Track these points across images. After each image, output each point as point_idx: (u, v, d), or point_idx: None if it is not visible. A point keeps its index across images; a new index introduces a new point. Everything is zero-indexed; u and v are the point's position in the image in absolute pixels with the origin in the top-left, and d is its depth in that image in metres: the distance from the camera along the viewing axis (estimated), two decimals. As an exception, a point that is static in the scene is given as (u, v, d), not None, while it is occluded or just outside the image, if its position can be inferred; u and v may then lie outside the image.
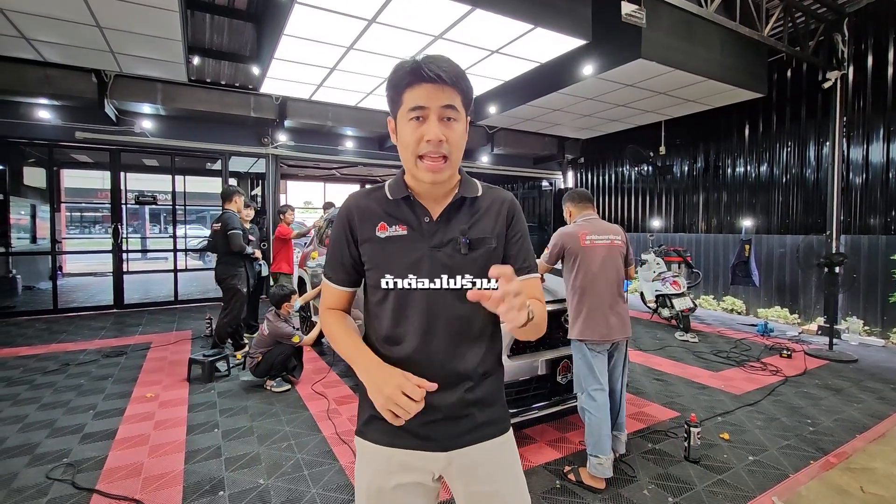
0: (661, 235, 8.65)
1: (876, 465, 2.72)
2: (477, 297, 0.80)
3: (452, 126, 0.98)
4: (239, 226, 4.62)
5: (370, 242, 1.06)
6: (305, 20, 4.30)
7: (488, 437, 1.08)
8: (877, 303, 5.80)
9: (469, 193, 1.07)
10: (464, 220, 1.06)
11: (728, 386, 4.05)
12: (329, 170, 12.68)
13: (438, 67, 0.95)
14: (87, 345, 5.22)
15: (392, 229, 1.05)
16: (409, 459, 1.06)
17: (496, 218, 1.08)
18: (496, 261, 1.06)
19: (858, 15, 5.94)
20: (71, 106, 6.61)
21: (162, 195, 12.46)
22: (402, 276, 1.04)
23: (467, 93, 1.00)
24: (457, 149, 1.00)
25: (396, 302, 1.04)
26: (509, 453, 1.13)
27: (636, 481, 2.54)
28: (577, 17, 4.64)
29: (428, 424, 1.04)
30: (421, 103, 0.96)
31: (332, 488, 2.43)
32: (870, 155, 5.92)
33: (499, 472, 1.09)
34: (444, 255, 1.04)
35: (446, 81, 0.95)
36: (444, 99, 0.96)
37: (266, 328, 3.87)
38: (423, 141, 0.96)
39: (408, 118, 0.98)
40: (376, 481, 1.07)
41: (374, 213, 1.07)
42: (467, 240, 1.04)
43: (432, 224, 1.05)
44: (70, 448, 2.84)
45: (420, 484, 1.08)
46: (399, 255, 1.04)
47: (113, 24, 4.46)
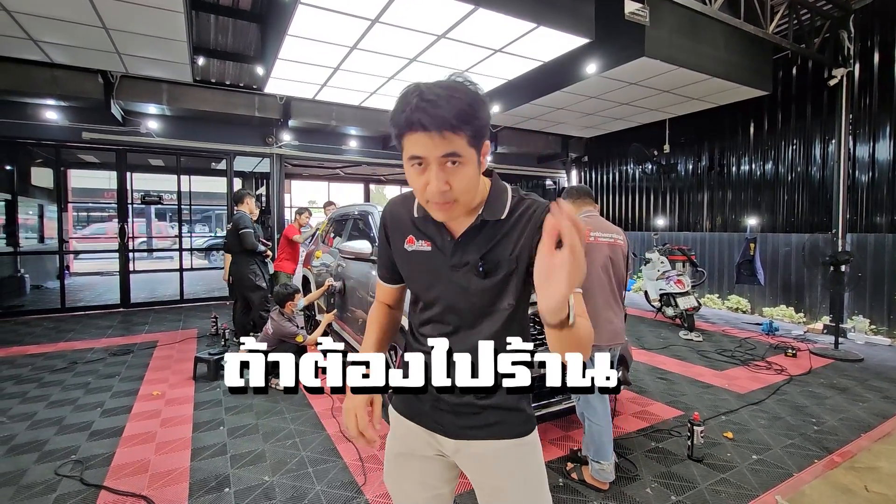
0: (666, 234, 8.62)
1: (881, 465, 2.71)
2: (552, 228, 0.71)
3: (457, 171, 0.89)
4: (250, 225, 4.82)
5: (399, 253, 1.12)
6: (309, 20, 4.32)
7: (499, 436, 1.07)
8: (883, 302, 5.76)
9: (492, 216, 1.01)
10: (483, 243, 1.01)
11: (732, 385, 4.04)
12: (333, 169, 12.70)
13: (431, 115, 0.84)
14: (95, 343, 5.28)
15: (418, 244, 1.08)
16: (422, 434, 1.12)
17: (519, 236, 0.99)
18: (517, 282, 1.01)
19: (864, 12, 5.90)
20: (77, 107, 6.67)
21: (168, 195, 12.56)
22: (423, 290, 1.10)
23: (477, 129, 0.89)
24: (465, 191, 0.93)
25: (422, 311, 1.13)
26: (525, 455, 1.09)
27: (639, 480, 2.54)
28: (580, 15, 4.64)
29: (437, 411, 1.08)
30: (418, 153, 0.88)
31: (336, 486, 2.45)
32: (876, 153, 5.88)
33: (508, 470, 1.08)
34: (462, 276, 1.03)
35: (443, 128, 0.85)
36: (443, 147, 0.86)
37: (270, 327, 3.90)
38: (423, 188, 0.92)
39: (409, 164, 0.92)
40: (397, 447, 1.18)
41: (405, 225, 1.10)
42: (482, 265, 1.00)
43: (453, 244, 1.03)
44: (78, 445, 2.88)
45: (436, 457, 1.14)
46: (422, 270, 1.08)
47: (119, 25, 4.50)
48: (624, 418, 3.33)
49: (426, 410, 1.10)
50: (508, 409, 1.07)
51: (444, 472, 1.16)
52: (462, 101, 0.86)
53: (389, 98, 6.89)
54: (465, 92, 0.88)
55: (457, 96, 0.86)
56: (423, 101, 0.85)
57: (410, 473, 1.16)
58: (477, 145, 0.92)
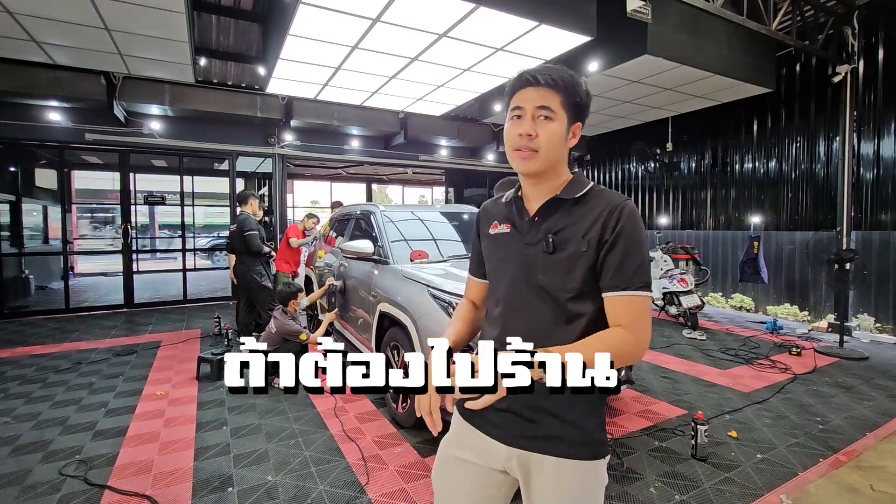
0: (669, 232, 8.59)
1: (886, 464, 2.70)
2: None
3: (547, 124, 1.02)
4: (256, 227, 4.84)
5: (486, 238, 1.21)
6: (310, 20, 4.32)
7: (558, 454, 1.01)
8: (888, 300, 5.72)
9: (569, 195, 1.06)
10: (558, 220, 1.06)
11: (736, 384, 4.03)
12: (335, 169, 12.74)
13: (539, 72, 1.03)
14: (99, 344, 5.30)
15: (501, 227, 1.16)
16: (477, 440, 1.10)
17: (595, 222, 1.01)
18: (584, 266, 1.00)
19: (868, 8, 5.86)
20: (80, 108, 6.70)
21: (171, 195, 12.59)
22: (497, 269, 1.15)
23: (570, 95, 1.03)
24: (549, 144, 1.02)
25: (492, 292, 1.17)
26: (581, 481, 1.02)
27: (642, 479, 2.53)
28: (582, 13, 4.62)
29: (497, 411, 1.00)
30: (518, 104, 1.04)
31: (339, 485, 2.45)
32: (881, 150, 5.84)
33: (562, 493, 1.01)
34: (533, 252, 1.06)
35: (541, 83, 1.02)
36: (539, 100, 1.02)
37: (273, 326, 3.90)
38: (516, 136, 1.03)
39: (509, 118, 1.06)
40: (447, 448, 1.17)
41: (493, 215, 1.21)
42: (553, 240, 1.03)
43: (528, 222, 1.10)
44: (82, 445, 2.89)
45: (481, 467, 1.11)
46: (500, 250, 1.15)
47: (121, 26, 4.51)
48: (627, 417, 3.31)
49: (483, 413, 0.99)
50: (564, 422, 1.01)
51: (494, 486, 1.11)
52: (567, 73, 1.05)
53: (391, 97, 6.90)
54: (570, 72, 1.06)
55: (563, 70, 1.06)
56: (538, 68, 1.05)
57: (460, 481, 1.12)
58: (569, 111, 1.04)
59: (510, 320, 1.08)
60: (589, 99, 1.08)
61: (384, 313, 3.29)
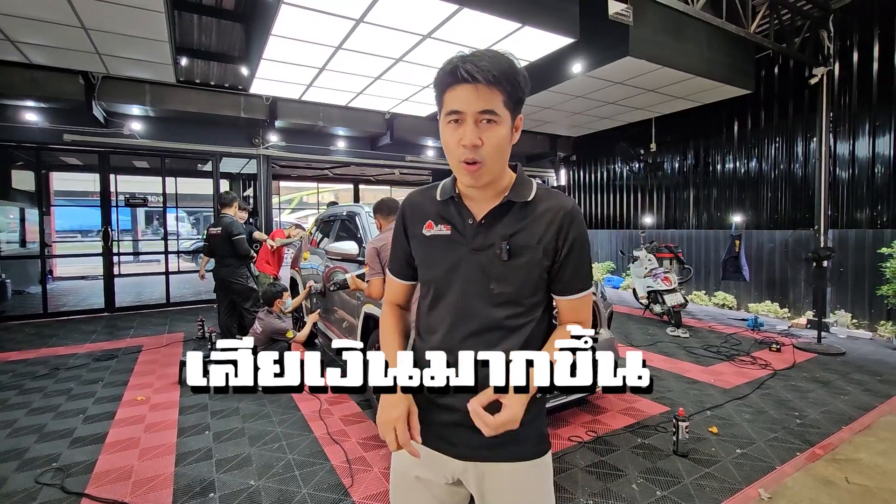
0: (653, 232, 8.71)
1: (861, 456, 2.76)
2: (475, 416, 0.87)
3: (491, 129, 0.92)
4: (243, 231, 4.81)
5: (417, 239, 1.09)
6: (293, 20, 4.29)
7: (515, 458, 1.02)
8: (864, 296, 5.87)
9: (519, 198, 1.01)
10: (509, 224, 1.01)
11: (718, 380, 4.09)
12: (321, 170, 12.65)
13: (476, 66, 0.89)
14: (78, 349, 5.19)
15: (437, 228, 1.06)
16: (433, 457, 1.06)
17: (547, 227, 1.00)
18: (539, 272, 1.01)
19: (843, 11, 6.01)
20: (58, 108, 6.55)
21: (153, 197, 12.38)
22: (440, 275, 1.05)
23: (513, 92, 0.93)
24: (496, 152, 0.94)
25: (434, 298, 1.07)
26: (537, 479, 1.04)
27: (625, 476, 2.56)
28: (565, 15, 4.66)
29: (448, 426, 1.01)
30: (456, 107, 0.92)
31: (323, 488, 2.44)
32: (856, 150, 5.99)
33: (519, 494, 1.02)
34: (484, 258, 1.00)
35: (481, 81, 0.89)
36: (481, 103, 0.90)
37: (259, 326, 3.87)
38: (459, 146, 0.93)
39: (446, 120, 0.96)
40: (401, 467, 1.12)
41: (425, 212, 1.09)
42: (508, 246, 0.99)
43: (475, 226, 1.02)
44: (59, 452, 2.83)
45: (438, 485, 1.08)
46: (440, 255, 1.05)
47: (98, 25, 4.43)
48: (612, 415, 3.35)
49: (435, 427, 1.02)
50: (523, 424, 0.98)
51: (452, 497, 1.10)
52: (504, 61, 0.93)
53: (376, 98, 6.88)
54: (507, 56, 0.94)
55: (500, 57, 0.93)
56: (468, 56, 0.92)
57: (419, 499, 1.10)
58: (512, 109, 0.95)
59: (460, 327, 1.02)
60: (529, 86, 0.98)
61: (369, 314, 3.28)
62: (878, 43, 5.72)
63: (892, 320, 5.61)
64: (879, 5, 5.69)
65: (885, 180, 5.70)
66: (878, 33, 5.72)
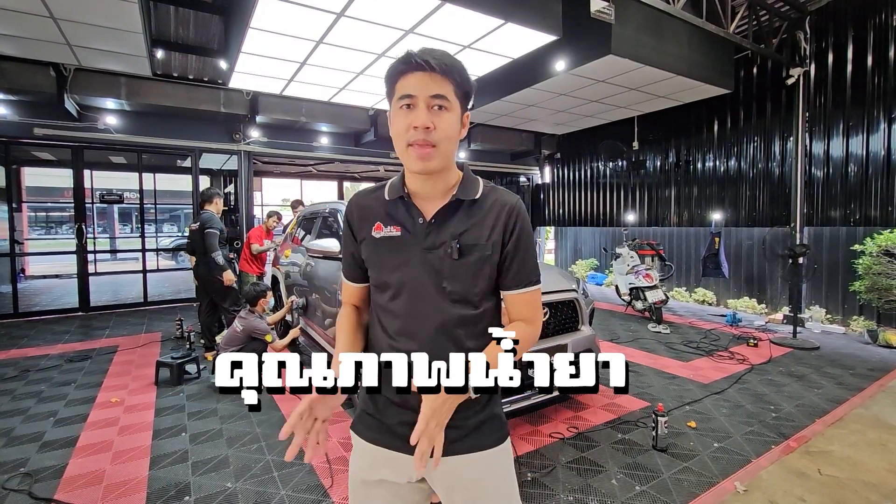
0: (635, 229, 8.81)
1: (833, 448, 2.83)
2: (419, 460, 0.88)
3: (442, 115, 0.95)
4: (218, 226, 4.62)
5: (366, 242, 1.08)
6: (272, 13, 4.20)
7: (476, 448, 1.03)
8: (838, 292, 6.03)
9: (467, 195, 1.03)
10: (458, 223, 1.02)
11: (697, 375, 4.16)
12: (305, 166, 12.47)
13: (430, 56, 0.94)
14: (50, 350, 5.03)
15: (387, 230, 1.05)
16: (392, 458, 1.05)
17: (495, 224, 1.02)
18: (490, 268, 1.03)
19: (819, 13, 6.14)
20: (28, 101, 6.31)
21: (131, 193, 12.09)
22: (392, 276, 1.04)
23: (462, 84, 0.98)
24: (447, 138, 0.96)
25: (388, 299, 1.06)
26: (501, 463, 1.06)
27: (605, 471, 2.58)
28: (548, 12, 4.66)
29: (408, 425, 0.97)
30: (409, 91, 0.94)
31: (301, 489, 2.40)
32: (831, 149, 6.14)
33: (484, 481, 1.04)
34: (436, 258, 1.01)
35: (436, 69, 0.93)
36: (434, 88, 0.94)
37: (239, 325, 3.78)
38: (410, 128, 0.94)
39: (398, 106, 0.96)
40: (360, 473, 1.09)
41: (373, 213, 1.08)
42: (458, 244, 1.00)
43: (425, 226, 1.03)
44: (28, 457, 2.73)
45: (402, 485, 1.07)
46: (392, 256, 1.04)
47: (68, 15, 4.27)
48: (593, 411, 3.37)
49: (394, 427, 1.03)
50: (482, 411, 1.03)
51: (416, 495, 1.09)
52: (453, 59, 0.98)
53: (360, 94, 6.80)
54: (455, 58, 1.00)
55: (452, 57, 0.99)
56: (421, 50, 0.96)
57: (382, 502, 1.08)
58: (461, 100, 0.99)
59: (413, 327, 1.02)
60: (475, 89, 1.04)
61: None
62: (852, 45, 5.86)
63: (863, 315, 5.78)
64: (853, 9, 5.83)
65: (858, 179, 5.85)
66: (851, 35, 5.86)
